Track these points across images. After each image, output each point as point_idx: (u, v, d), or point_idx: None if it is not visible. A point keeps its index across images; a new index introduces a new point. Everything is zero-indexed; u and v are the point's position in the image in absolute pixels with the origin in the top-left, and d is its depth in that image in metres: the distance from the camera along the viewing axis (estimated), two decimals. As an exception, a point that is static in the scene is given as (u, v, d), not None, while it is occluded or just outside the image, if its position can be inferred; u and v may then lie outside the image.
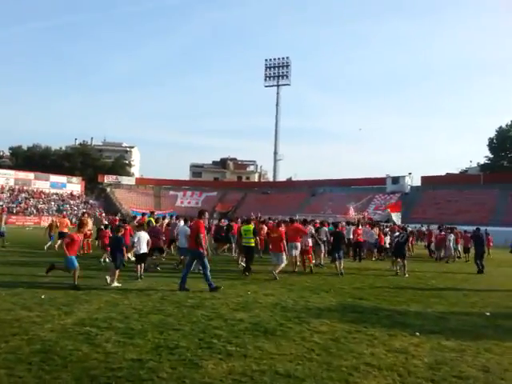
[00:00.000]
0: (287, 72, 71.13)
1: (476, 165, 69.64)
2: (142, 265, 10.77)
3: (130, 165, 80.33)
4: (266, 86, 72.68)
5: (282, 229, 12.35)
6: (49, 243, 17.24)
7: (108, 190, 67.21)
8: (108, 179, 68.69)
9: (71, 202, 59.69)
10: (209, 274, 9.34)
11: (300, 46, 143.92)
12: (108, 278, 9.62)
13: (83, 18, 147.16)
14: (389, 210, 31.87)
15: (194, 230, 9.65)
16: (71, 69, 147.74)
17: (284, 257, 11.95)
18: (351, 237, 18.42)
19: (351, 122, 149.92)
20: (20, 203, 51.34)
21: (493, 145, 58.66)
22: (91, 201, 63.69)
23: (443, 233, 19.95)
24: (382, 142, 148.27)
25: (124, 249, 10.17)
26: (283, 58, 70.91)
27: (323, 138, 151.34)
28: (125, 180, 70.98)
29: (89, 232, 17.18)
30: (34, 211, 50.98)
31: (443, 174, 60.47)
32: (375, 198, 52.41)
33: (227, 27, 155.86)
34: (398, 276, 13.13)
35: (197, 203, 65.74)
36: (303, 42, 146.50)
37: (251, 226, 12.94)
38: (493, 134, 59.10)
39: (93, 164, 72.37)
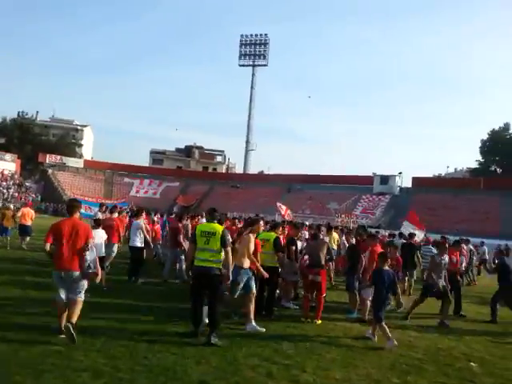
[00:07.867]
0: (265, 51, 63.69)
1: (454, 170, 65.84)
2: None
3: (78, 144, 69.95)
4: (241, 65, 65.14)
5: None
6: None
7: (50, 171, 57.01)
8: (50, 159, 58.35)
9: (2, 183, 49.71)
10: None
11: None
12: None
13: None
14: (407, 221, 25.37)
15: None
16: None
17: None
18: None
19: (326, 126, 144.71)
20: None
21: (485, 148, 54.03)
22: (27, 183, 53.62)
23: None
24: (357, 146, 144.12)
25: None
26: (261, 35, 63.39)
27: (296, 138, 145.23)
28: (71, 162, 60.84)
29: None
30: None
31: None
32: (362, 199, 46.09)
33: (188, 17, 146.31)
34: None
35: (155, 193, 57.17)
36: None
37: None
38: (485, 136, 54.52)
39: (33, 141, 61.82)
